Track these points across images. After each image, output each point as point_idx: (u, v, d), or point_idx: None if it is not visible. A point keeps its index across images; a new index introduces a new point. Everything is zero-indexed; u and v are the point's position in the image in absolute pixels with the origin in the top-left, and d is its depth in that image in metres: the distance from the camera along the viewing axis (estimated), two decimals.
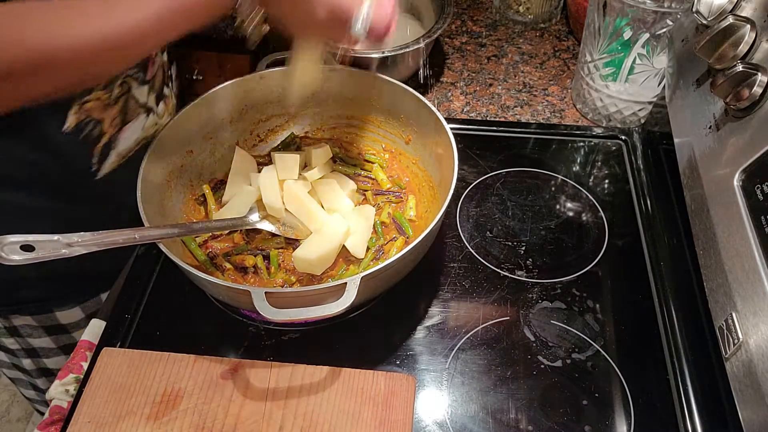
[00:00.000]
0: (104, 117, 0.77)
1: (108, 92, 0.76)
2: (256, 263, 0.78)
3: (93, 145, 0.78)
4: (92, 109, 0.75)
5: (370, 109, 0.90)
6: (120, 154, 0.81)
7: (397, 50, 0.98)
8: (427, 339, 0.76)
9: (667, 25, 0.86)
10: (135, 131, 0.82)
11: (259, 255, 0.79)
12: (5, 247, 0.56)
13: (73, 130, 0.74)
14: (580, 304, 0.79)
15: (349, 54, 0.87)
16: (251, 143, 0.93)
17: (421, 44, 0.98)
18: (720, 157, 0.63)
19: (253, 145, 0.93)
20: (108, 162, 0.80)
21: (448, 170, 0.77)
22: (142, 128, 0.83)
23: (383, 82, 0.86)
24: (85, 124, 0.75)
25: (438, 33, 1.01)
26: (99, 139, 0.78)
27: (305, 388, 0.68)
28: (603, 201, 0.91)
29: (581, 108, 1.06)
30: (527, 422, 0.68)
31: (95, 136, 0.77)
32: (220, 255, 0.80)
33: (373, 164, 0.91)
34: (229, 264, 0.79)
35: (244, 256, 0.79)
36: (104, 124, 0.77)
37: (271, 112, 0.92)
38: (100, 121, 0.76)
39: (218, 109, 0.86)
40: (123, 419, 0.66)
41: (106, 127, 0.78)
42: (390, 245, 0.81)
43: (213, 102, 0.84)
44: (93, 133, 0.76)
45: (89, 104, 0.74)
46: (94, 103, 0.74)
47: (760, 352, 0.52)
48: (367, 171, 0.90)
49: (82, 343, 0.79)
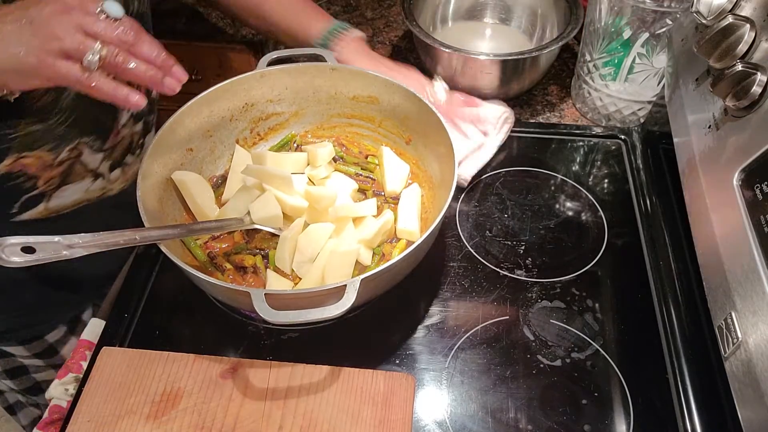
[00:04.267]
0: (41, 175, 0.74)
1: (54, 154, 0.73)
2: (255, 263, 0.78)
3: (19, 196, 0.75)
4: (29, 165, 0.72)
5: (370, 108, 0.90)
6: (50, 209, 0.79)
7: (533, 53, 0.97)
8: (426, 338, 0.76)
9: (667, 25, 0.86)
10: (75, 192, 0.80)
11: (258, 254, 0.79)
12: (6, 249, 0.55)
13: (1, 176, 0.72)
14: (580, 303, 0.79)
15: None
16: (251, 141, 0.93)
17: (554, 47, 0.97)
18: (719, 156, 0.63)
19: (254, 144, 0.93)
20: (34, 211, 0.77)
21: (448, 170, 0.77)
22: (85, 191, 0.81)
23: (383, 83, 0.86)
24: (17, 175, 0.72)
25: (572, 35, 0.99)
26: (29, 191, 0.75)
27: (304, 388, 0.68)
28: (602, 200, 0.91)
29: (581, 107, 1.06)
30: (527, 421, 0.68)
31: (25, 189, 0.74)
32: (221, 255, 0.80)
33: (375, 165, 0.91)
34: (229, 264, 0.78)
35: (243, 256, 0.79)
36: (39, 181, 0.75)
37: (271, 110, 0.92)
38: (34, 177, 0.74)
39: (218, 107, 0.86)
40: (122, 418, 0.66)
41: (41, 183, 0.75)
42: (391, 247, 0.81)
43: (213, 100, 0.84)
44: (24, 185, 0.74)
45: (27, 160, 0.72)
46: (34, 161, 0.72)
47: (759, 352, 0.52)
48: (369, 171, 0.90)
49: (82, 342, 0.79)
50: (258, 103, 0.90)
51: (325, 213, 0.80)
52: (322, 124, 0.94)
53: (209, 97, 0.84)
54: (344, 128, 0.94)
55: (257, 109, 0.90)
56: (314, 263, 0.77)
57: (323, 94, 0.91)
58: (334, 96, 0.91)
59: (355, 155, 0.92)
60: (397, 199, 0.86)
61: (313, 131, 0.95)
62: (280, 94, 0.90)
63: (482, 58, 0.98)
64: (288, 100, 0.91)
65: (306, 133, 0.95)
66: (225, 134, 0.89)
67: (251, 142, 0.93)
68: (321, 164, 0.87)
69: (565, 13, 1.03)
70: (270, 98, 0.90)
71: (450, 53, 0.98)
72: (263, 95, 0.89)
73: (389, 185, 0.86)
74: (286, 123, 0.94)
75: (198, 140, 0.85)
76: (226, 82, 0.85)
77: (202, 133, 0.86)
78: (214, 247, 0.81)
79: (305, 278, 0.76)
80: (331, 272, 0.75)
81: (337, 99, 0.91)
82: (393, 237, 0.82)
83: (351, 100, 0.91)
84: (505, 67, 0.98)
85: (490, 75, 0.99)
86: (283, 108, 0.92)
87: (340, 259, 0.76)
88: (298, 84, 0.89)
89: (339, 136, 0.94)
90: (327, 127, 0.94)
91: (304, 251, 0.77)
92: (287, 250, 0.77)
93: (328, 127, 0.94)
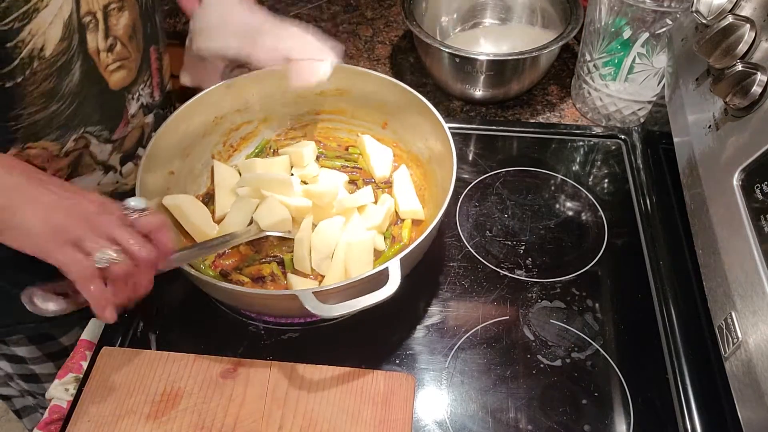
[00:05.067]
0: (47, 167, 0.73)
1: (59, 144, 0.72)
2: (272, 270, 0.78)
3: None
4: (35, 156, 0.71)
5: (339, 101, 0.90)
6: None
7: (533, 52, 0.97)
8: (426, 338, 0.76)
9: (667, 25, 0.86)
10: (86, 186, 0.78)
11: (273, 262, 0.79)
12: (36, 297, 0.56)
13: None
14: (580, 303, 0.79)
15: None
16: (227, 154, 0.91)
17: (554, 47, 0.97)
18: (719, 156, 0.63)
19: (229, 156, 0.91)
20: None
21: (447, 170, 0.77)
22: (98, 184, 0.80)
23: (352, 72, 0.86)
24: None
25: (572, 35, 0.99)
26: None
27: (305, 388, 0.68)
28: (602, 200, 0.91)
29: (581, 107, 1.06)
30: (527, 421, 0.68)
31: None
32: (232, 270, 0.79)
33: (357, 154, 0.91)
34: (243, 277, 0.78)
35: (257, 266, 0.78)
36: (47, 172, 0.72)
37: (240, 120, 0.90)
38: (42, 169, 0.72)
39: (192, 123, 0.84)
40: (122, 418, 0.66)
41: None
42: (398, 228, 0.82)
43: (187, 117, 0.82)
44: None
45: (33, 151, 0.71)
46: (39, 152, 0.71)
47: (759, 352, 0.52)
48: (353, 162, 0.90)
49: (82, 342, 0.79)
50: (227, 114, 0.88)
51: (329, 208, 0.80)
52: (293, 124, 0.94)
53: (183, 115, 0.81)
54: (315, 125, 0.94)
55: (228, 120, 0.89)
56: (333, 258, 0.77)
57: (290, 95, 0.90)
58: (302, 95, 0.90)
59: (335, 149, 0.92)
60: (387, 183, 0.87)
61: (285, 133, 0.94)
62: (248, 102, 0.89)
63: (482, 58, 0.98)
64: (256, 106, 0.90)
65: (278, 137, 0.94)
66: (200, 151, 0.87)
67: (226, 155, 0.91)
68: (308, 163, 0.87)
69: (565, 13, 1.03)
70: (238, 108, 0.89)
71: (450, 53, 0.98)
72: (231, 106, 0.88)
73: (378, 171, 0.87)
74: (257, 130, 0.93)
75: (177, 161, 0.83)
76: (196, 97, 0.83)
77: (179, 152, 0.83)
78: (223, 265, 0.79)
79: (328, 274, 0.77)
80: (354, 263, 0.76)
81: (304, 97, 0.90)
82: (396, 219, 0.84)
83: (318, 96, 0.90)
84: (505, 67, 0.98)
85: (490, 75, 0.99)
86: (252, 116, 0.91)
87: (359, 248, 0.77)
88: (265, 89, 0.88)
89: (313, 135, 0.94)
90: (298, 127, 0.94)
91: (320, 249, 0.77)
92: (305, 250, 0.77)
93: (299, 126, 0.94)
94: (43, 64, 0.66)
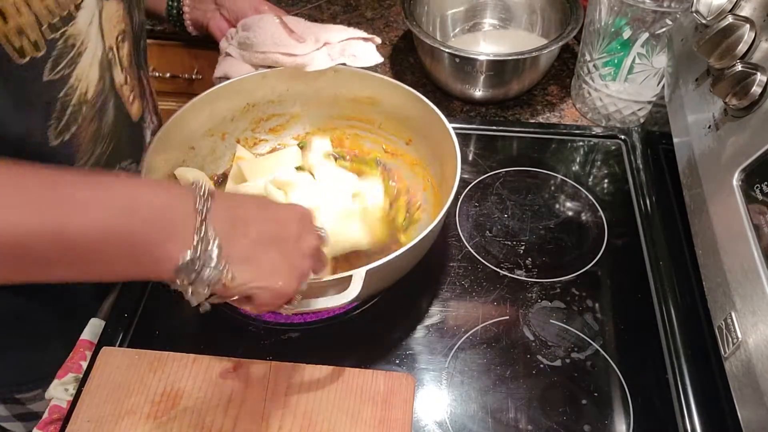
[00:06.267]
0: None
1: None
2: None
3: None
4: None
5: (370, 110, 0.90)
6: None
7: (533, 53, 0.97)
8: (426, 338, 0.76)
9: (667, 25, 0.86)
10: None
11: None
12: None
13: None
14: (580, 303, 0.79)
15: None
16: (252, 142, 0.93)
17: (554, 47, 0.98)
18: (719, 156, 0.63)
19: (254, 144, 0.93)
20: None
21: (449, 170, 0.77)
22: None
23: (384, 83, 0.86)
24: None
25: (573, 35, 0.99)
26: None
27: (304, 388, 0.68)
28: (602, 200, 0.91)
29: (580, 107, 1.06)
30: (527, 421, 0.68)
31: None
32: None
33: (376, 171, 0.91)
34: None
35: None
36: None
37: (272, 111, 0.92)
38: None
39: (219, 106, 0.86)
40: (122, 418, 0.66)
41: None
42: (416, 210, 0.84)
43: (215, 99, 0.84)
44: None
45: None
46: None
47: (759, 352, 0.52)
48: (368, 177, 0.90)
49: (82, 342, 0.79)
50: (259, 103, 0.90)
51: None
52: (323, 125, 0.94)
53: (211, 97, 0.84)
54: (344, 130, 0.94)
55: (258, 110, 0.91)
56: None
57: (325, 96, 0.91)
58: (335, 98, 0.91)
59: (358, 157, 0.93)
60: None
61: (313, 132, 0.95)
62: (281, 95, 0.90)
63: (482, 58, 0.98)
64: (289, 101, 0.91)
65: (306, 135, 0.95)
66: (226, 134, 0.89)
67: (252, 142, 0.93)
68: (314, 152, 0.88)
69: (565, 13, 1.03)
70: (271, 99, 0.90)
71: (450, 53, 0.98)
72: (264, 96, 0.89)
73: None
74: (287, 124, 0.94)
75: (199, 139, 0.85)
76: (229, 81, 0.85)
77: (203, 132, 0.86)
78: None
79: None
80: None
81: (338, 101, 0.91)
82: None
83: (351, 101, 0.91)
84: (505, 67, 0.98)
85: (490, 75, 0.99)
86: (285, 109, 0.92)
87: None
88: (300, 85, 0.89)
89: (339, 138, 0.94)
90: (327, 129, 0.94)
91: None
92: None
93: (328, 128, 0.94)
94: (88, 108, 0.66)
